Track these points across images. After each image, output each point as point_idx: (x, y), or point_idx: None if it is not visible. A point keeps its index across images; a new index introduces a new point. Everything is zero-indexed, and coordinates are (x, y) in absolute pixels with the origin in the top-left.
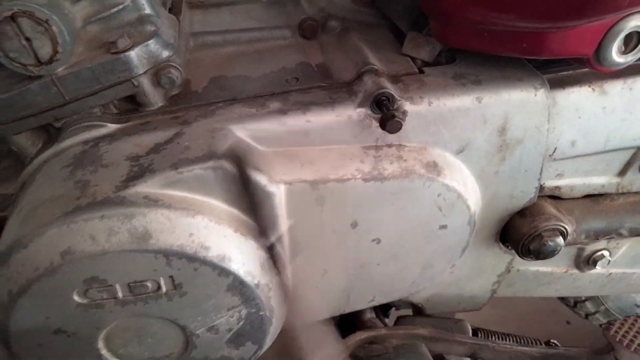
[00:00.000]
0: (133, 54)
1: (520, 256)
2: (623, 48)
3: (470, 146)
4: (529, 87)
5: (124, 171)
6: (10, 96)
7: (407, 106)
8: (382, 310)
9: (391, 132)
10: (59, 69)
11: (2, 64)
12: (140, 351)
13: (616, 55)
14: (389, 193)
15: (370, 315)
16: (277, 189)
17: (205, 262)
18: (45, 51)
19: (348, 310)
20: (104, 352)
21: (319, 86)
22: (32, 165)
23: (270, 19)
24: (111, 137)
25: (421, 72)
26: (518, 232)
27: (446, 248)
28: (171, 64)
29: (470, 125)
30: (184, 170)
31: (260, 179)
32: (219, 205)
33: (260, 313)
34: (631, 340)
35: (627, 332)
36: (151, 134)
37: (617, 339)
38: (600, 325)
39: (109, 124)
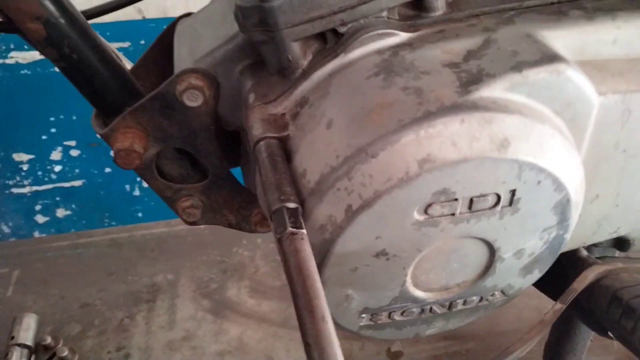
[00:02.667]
0: None
1: None
2: None
3: None
4: None
5: (451, 77)
6: None
7: None
8: None
9: None
10: None
11: None
12: (439, 279)
13: None
14: None
15: (586, 254)
16: (596, 100)
17: (550, 175)
18: None
19: (588, 243)
20: (408, 278)
21: None
22: (312, 80)
23: None
24: (409, 46)
25: None
26: None
27: None
28: None
29: None
30: (529, 73)
31: (587, 87)
32: (553, 115)
33: (565, 236)
34: None
35: None
36: (456, 41)
37: None
38: None
39: (401, 33)
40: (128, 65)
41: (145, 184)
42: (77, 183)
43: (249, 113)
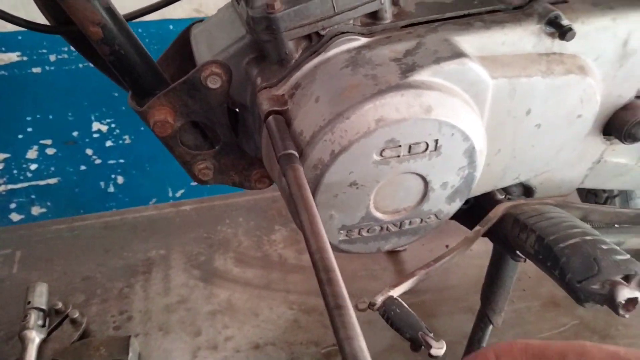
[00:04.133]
0: None
1: (621, 140)
2: None
3: (603, 55)
4: None
5: (395, 68)
6: (300, 8)
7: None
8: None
9: (568, 40)
10: None
11: None
12: (391, 204)
13: None
14: (555, 87)
15: (500, 196)
16: (490, 82)
17: (459, 130)
18: None
19: (498, 187)
20: (371, 203)
21: (499, 9)
22: (303, 70)
23: None
24: (368, 47)
25: (565, 2)
26: (622, 121)
27: (576, 134)
28: None
29: (605, 39)
30: (444, 64)
31: (482, 73)
32: (462, 92)
33: (474, 173)
34: None
35: None
36: (399, 43)
37: None
38: None
39: (362, 38)
40: None
41: (121, 180)
42: (53, 181)
43: (259, 94)
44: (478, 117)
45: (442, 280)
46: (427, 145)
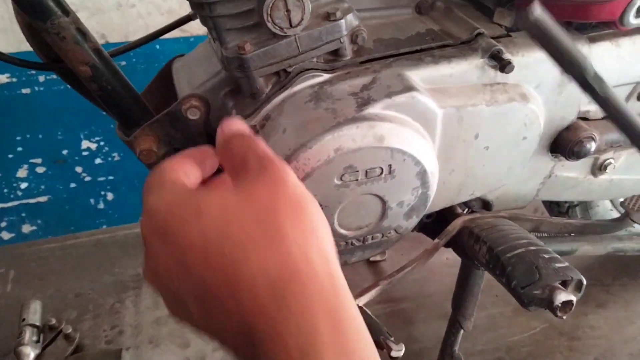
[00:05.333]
0: (343, 21)
1: (566, 158)
2: (636, 14)
3: (543, 83)
4: (580, 43)
5: (353, 102)
6: (267, 49)
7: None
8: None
9: (507, 73)
10: (299, 31)
11: (266, 26)
12: (354, 221)
13: (632, 19)
14: (499, 114)
15: (461, 210)
16: (438, 111)
17: (410, 155)
18: (296, 18)
19: (455, 202)
20: (335, 221)
21: (449, 45)
22: (272, 104)
23: (396, 1)
24: (329, 82)
25: (508, 35)
26: (566, 140)
27: (523, 153)
28: (361, 28)
29: (544, 69)
30: (395, 98)
31: (431, 104)
32: (412, 121)
33: (428, 193)
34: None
35: (635, 203)
36: (357, 79)
37: (630, 207)
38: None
39: (324, 74)
40: None
41: (111, 196)
42: (43, 199)
43: None
44: (429, 142)
45: (420, 288)
46: (382, 169)
